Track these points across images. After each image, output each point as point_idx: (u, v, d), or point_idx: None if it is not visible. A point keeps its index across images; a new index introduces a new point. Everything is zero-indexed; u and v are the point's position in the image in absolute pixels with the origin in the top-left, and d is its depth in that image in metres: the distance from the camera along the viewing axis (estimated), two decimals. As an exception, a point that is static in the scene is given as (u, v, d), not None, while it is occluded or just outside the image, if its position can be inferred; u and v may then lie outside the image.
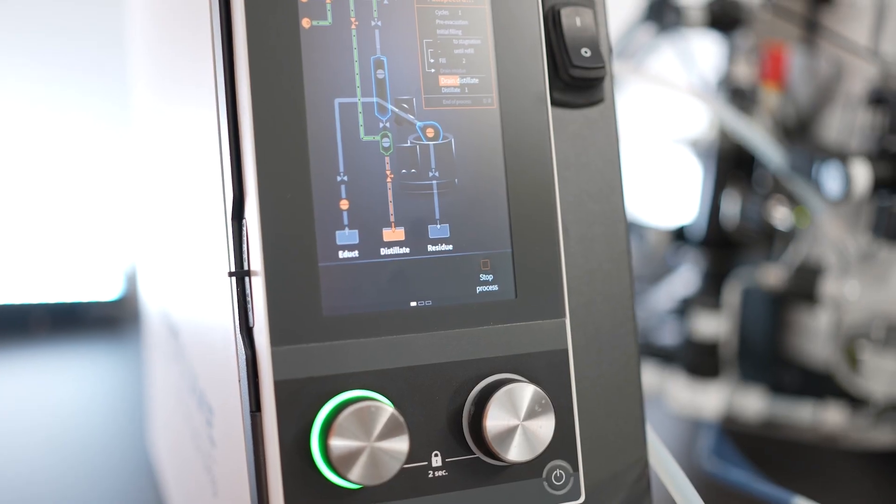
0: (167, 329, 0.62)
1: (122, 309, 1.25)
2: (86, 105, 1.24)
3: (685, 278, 0.84)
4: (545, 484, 0.42)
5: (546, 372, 0.41)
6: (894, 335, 0.68)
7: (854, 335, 0.69)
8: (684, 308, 0.81)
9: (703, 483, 0.71)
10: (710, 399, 0.74)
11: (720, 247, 0.81)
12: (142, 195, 0.75)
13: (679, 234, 0.84)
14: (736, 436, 0.76)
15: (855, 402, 0.72)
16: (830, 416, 0.72)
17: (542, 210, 0.42)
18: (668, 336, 0.88)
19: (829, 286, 0.70)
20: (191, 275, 0.51)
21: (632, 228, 0.85)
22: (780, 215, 0.75)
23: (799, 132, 0.77)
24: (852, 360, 0.69)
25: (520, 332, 0.41)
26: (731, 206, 0.78)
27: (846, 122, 0.72)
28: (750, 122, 0.75)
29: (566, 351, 0.42)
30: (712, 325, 0.75)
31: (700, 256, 0.82)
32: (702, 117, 0.83)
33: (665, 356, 0.82)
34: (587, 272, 0.45)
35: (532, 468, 0.41)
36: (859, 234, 0.69)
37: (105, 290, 1.25)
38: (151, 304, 0.73)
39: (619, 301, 0.45)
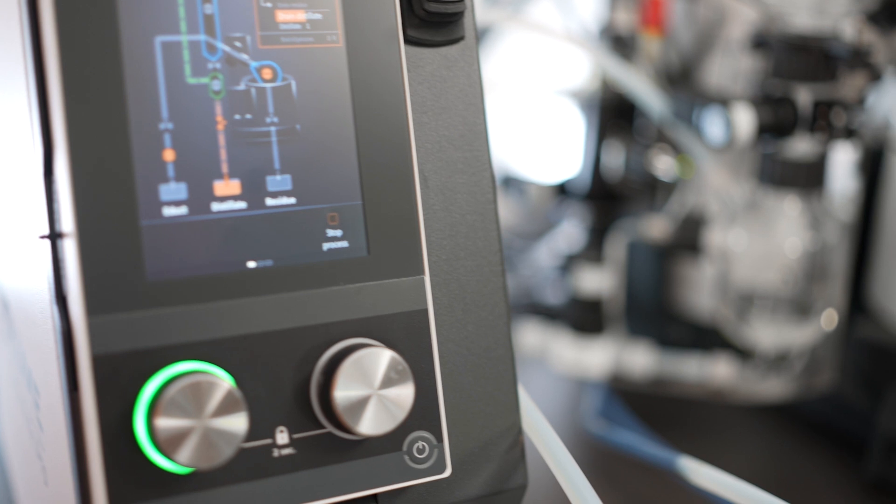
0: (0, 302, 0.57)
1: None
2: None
3: (569, 234, 0.82)
4: (406, 458, 0.38)
5: (404, 335, 0.38)
6: (781, 290, 0.67)
7: (741, 290, 0.67)
8: (568, 264, 0.78)
9: (588, 446, 0.69)
10: (596, 357, 0.72)
11: (603, 200, 0.78)
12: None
13: (562, 189, 0.81)
14: (624, 394, 0.74)
15: (742, 354, 0.70)
16: (718, 370, 0.70)
17: (396, 158, 0.38)
18: (553, 294, 0.86)
19: (714, 236, 0.68)
20: (14, 241, 0.46)
21: (513, 184, 0.82)
22: (664, 165, 0.73)
23: (682, 79, 0.74)
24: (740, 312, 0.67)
25: (373, 293, 0.37)
26: (614, 158, 0.75)
27: (729, 68, 0.70)
28: (631, 70, 0.72)
29: (426, 311, 0.38)
30: (596, 281, 0.73)
31: (583, 211, 0.79)
32: (583, 67, 0.80)
33: (549, 315, 0.80)
34: (449, 225, 0.41)
35: (391, 441, 0.38)
36: (744, 182, 0.68)
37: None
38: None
39: (485, 256, 0.42)
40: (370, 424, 0.36)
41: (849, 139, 0.65)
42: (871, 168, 0.73)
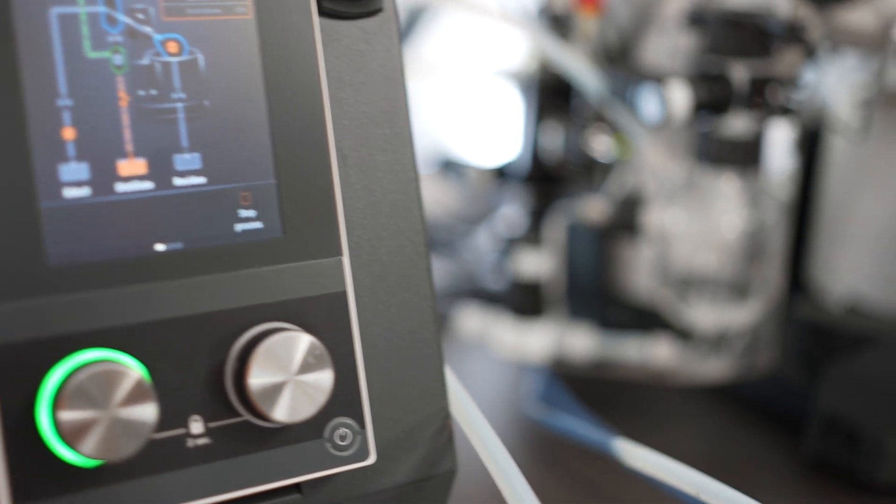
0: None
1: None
2: None
3: (509, 217, 0.81)
4: (328, 445, 0.37)
5: (322, 318, 0.36)
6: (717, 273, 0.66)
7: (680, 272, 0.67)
8: (508, 248, 0.77)
9: (529, 430, 0.68)
10: (536, 341, 0.71)
11: (542, 182, 0.77)
12: None
13: (501, 172, 0.80)
14: (565, 377, 0.74)
15: (682, 335, 0.70)
16: (659, 352, 0.70)
17: (311, 135, 0.37)
18: (494, 278, 0.85)
19: (652, 217, 0.67)
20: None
21: (453, 167, 0.81)
22: (602, 146, 0.72)
23: (619, 58, 0.74)
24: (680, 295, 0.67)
25: (289, 275, 0.36)
26: (552, 139, 0.75)
27: (666, 46, 0.70)
28: (568, 49, 0.71)
29: (345, 293, 0.37)
30: (535, 264, 0.72)
31: (522, 193, 0.78)
32: (521, 47, 0.79)
33: (490, 299, 0.79)
34: (370, 204, 0.40)
35: (311, 428, 0.36)
36: (681, 161, 0.67)
37: None
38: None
39: (408, 236, 0.40)
40: (287, 411, 0.35)
41: (785, 116, 0.64)
42: (808, 146, 0.73)
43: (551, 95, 0.76)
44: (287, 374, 0.35)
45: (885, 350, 0.60)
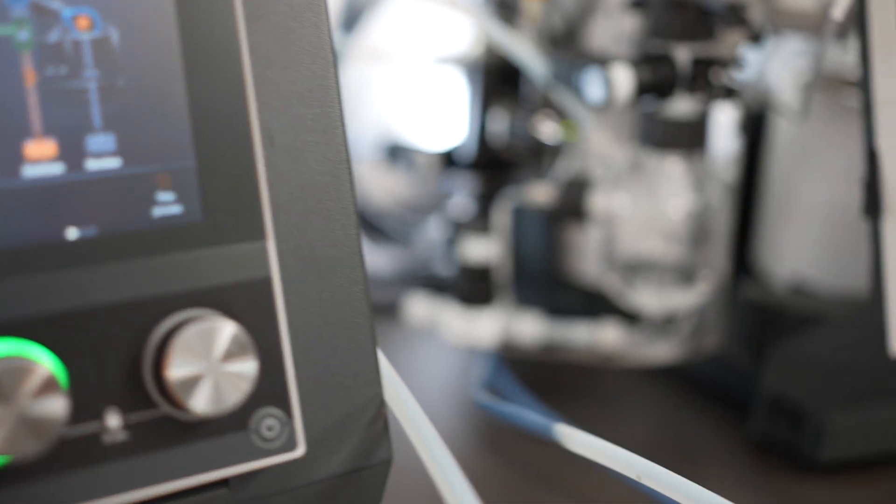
0: None
1: None
2: None
3: (457, 204, 0.80)
4: (253, 437, 0.35)
5: (246, 305, 0.35)
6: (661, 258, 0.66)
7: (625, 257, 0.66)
8: (456, 235, 0.76)
9: (473, 416, 0.67)
10: (485, 327, 0.70)
11: (489, 168, 0.76)
12: None
13: (449, 158, 0.79)
14: (514, 363, 0.73)
15: (630, 319, 0.69)
16: (607, 336, 0.69)
17: (234, 115, 0.36)
18: (444, 266, 0.84)
19: (598, 201, 0.66)
20: None
21: (401, 154, 0.80)
22: (548, 130, 0.71)
23: (565, 42, 0.73)
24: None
25: (210, 260, 0.35)
26: (499, 124, 0.74)
27: (611, 29, 0.69)
28: (514, 34, 0.70)
29: (269, 279, 0.36)
30: (483, 250, 0.71)
31: (470, 179, 0.77)
32: (467, 32, 0.78)
33: (439, 286, 0.78)
34: (298, 187, 0.38)
35: (235, 420, 0.35)
36: (627, 145, 0.66)
37: None
38: None
39: (338, 220, 0.39)
40: (210, 403, 0.34)
41: (729, 98, 0.64)
42: (753, 128, 0.73)
43: (497, 80, 0.75)
44: (208, 363, 0.33)
45: (829, 330, 0.60)
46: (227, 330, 0.34)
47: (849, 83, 0.69)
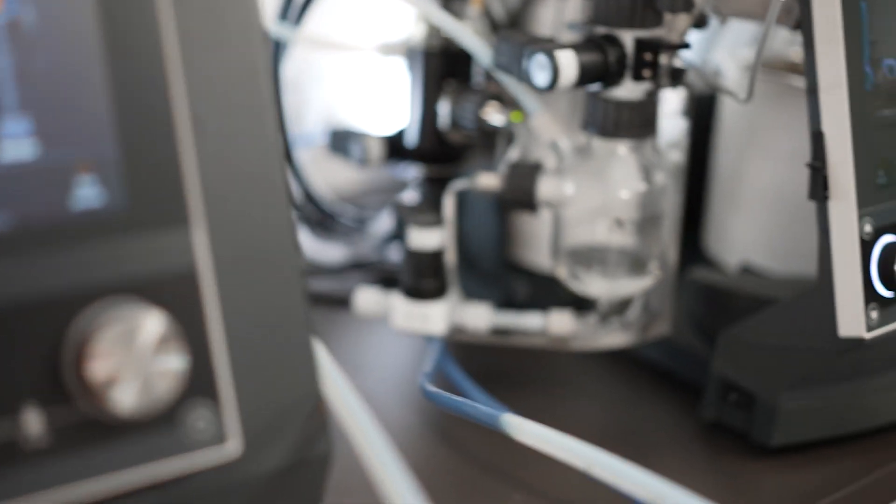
0: None
1: None
2: None
3: (406, 193, 0.79)
4: (183, 434, 0.34)
5: (173, 296, 0.34)
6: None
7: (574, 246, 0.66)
8: (406, 224, 0.75)
9: (422, 406, 0.66)
10: (435, 316, 0.69)
11: (438, 156, 0.75)
12: None
13: (397, 148, 0.78)
14: (464, 350, 0.72)
15: (581, 306, 0.69)
16: (558, 323, 0.68)
17: (158, 99, 0.34)
18: (394, 255, 0.83)
19: (546, 187, 0.65)
20: None
21: (345, 139, 0.79)
22: (496, 118, 0.70)
23: (511, 27, 0.72)
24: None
25: (134, 249, 0.33)
26: (446, 112, 0.73)
27: (557, 15, 0.68)
28: (459, 20, 0.69)
29: (196, 268, 0.34)
30: (432, 239, 0.70)
31: (418, 167, 0.76)
32: (411, 19, 0.77)
33: (390, 276, 0.77)
34: (229, 173, 0.37)
35: (163, 416, 0.34)
36: (575, 132, 0.66)
37: None
38: None
39: (272, 208, 0.38)
40: (135, 399, 0.32)
41: (676, 83, 0.63)
42: (701, 113, 0.73)
43: (444, 67, 0.74)
44: (133, 357, 0.32)
45: (778, 313, 0.60)
46: (152, 321, 0.32)
47: (795, 66, 0.68)
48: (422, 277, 0.70)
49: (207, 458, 0.35)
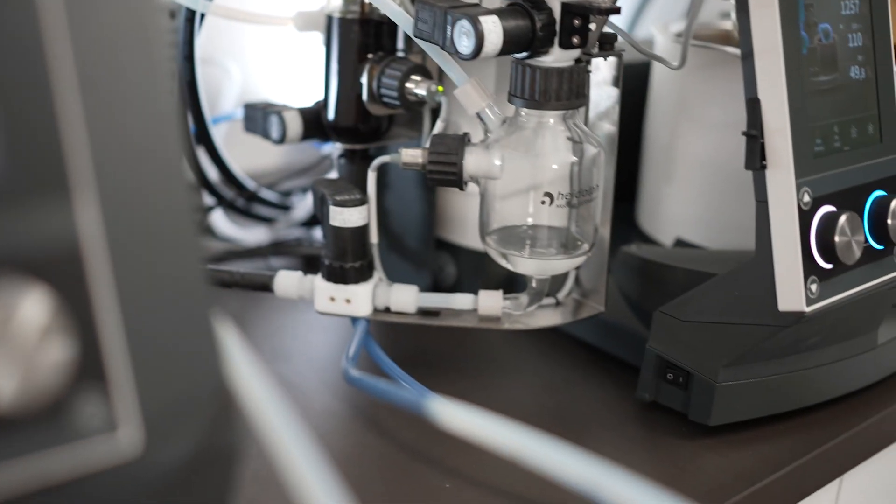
0: None
1: None
2: None
3: (330, 170, 0.76)
4: (70, 425, 0.31)
5: (55, 274, 0.30)
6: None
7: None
8: (330, 202, 0.72)
9: (347, 391, 0.63)
10: (359, 298, 0.66)
11: (358, 131, 0.72)
12: None
13: (317, 122, 0.74)
14: (392, 331, 0.69)
15: (511, 283, 0.66)
16: (488, 302, 0.65)
17: (31, 59, 0.31)
18: (319, 234, 0.80)
19: (473, 161, 0.63)
20: None
21: (269, 113, 0.75)
22: (421, 90, 0.67)
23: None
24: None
25: (9, 223, 0.30)
26: (366, 84, 0.69)
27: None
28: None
29: (79, 244, 0.31)
30: (358, 217, 0.66)
31: (341, 144, 0.73)
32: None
33: (315, 256, 0.73)
34: (120, 142, 0.33)
35: (46, 410, 0.30)
36: (503, 104, 0.63)
37: None
38: None
39: (166, 176, 0.34)
40: (11, 391, 0.29)
41: (605, 51, 0.61)
42: (632, 84, 0.70)
43: (364, 36, 0.71)
44: (8, 342, 0.28)
45: (715, 287, 0.58)
46: (31, 303, 0.29)
47: (727, 36, 0.67)
48: (344, 258, 0.66)
49: (100, 448, 0.31)
